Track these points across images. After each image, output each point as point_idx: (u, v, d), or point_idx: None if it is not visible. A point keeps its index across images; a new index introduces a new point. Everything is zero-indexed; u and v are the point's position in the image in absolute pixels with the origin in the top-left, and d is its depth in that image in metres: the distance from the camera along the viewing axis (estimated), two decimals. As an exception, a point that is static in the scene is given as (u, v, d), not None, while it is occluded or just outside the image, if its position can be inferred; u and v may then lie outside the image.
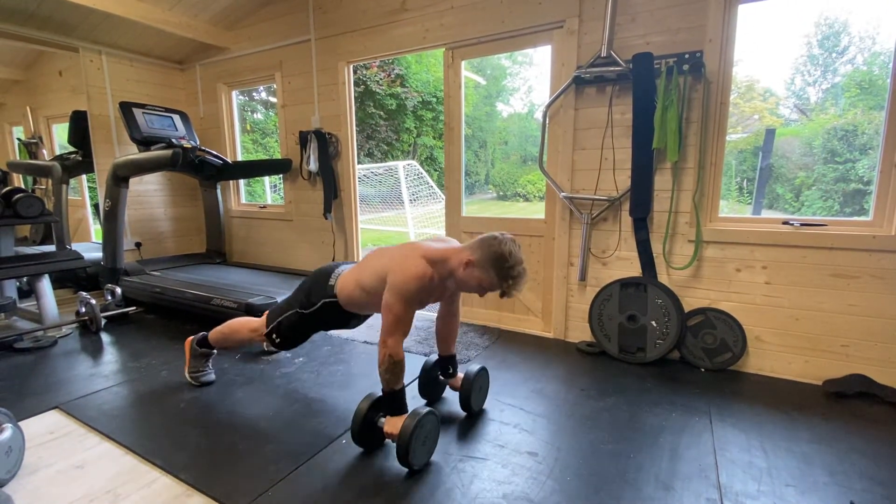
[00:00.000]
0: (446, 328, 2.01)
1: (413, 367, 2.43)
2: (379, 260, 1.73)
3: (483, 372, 2.02)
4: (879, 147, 2.12)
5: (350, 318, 1.93)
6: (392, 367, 1.59)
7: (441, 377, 2.06)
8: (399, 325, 1.59)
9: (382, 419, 1.65)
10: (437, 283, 1.65)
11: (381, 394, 1.67)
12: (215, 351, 2.26)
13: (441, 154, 13.33)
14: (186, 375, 2.24)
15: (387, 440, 1.68)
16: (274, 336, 1.96)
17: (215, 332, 2.15)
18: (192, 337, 2.24)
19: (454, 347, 2.04)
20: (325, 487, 1.50)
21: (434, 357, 2.07)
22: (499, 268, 1.57)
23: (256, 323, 2.05)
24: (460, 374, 1.99)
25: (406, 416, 1.58)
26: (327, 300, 1.83)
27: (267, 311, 2.04)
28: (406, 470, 1.58)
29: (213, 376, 2.25)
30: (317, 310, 1.85)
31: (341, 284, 1.81)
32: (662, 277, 2.55)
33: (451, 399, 2.08)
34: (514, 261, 1.57)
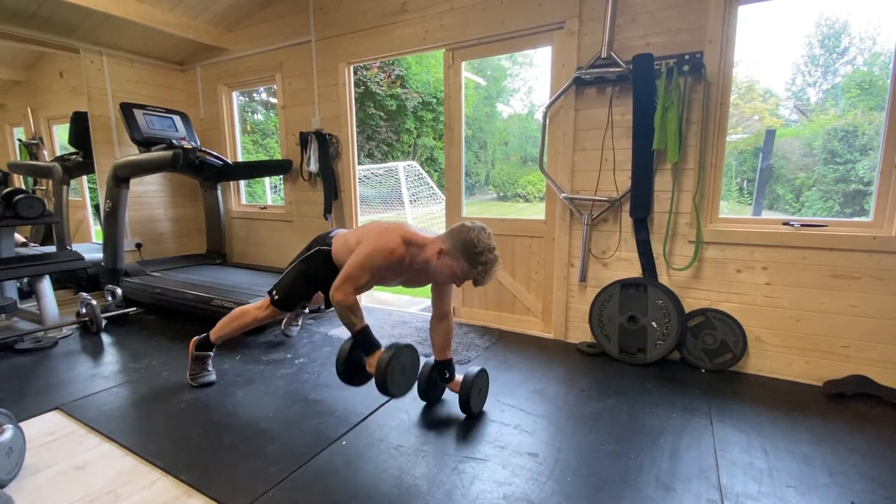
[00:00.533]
0: (439, 334, 2.03)
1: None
2: (369, 227, 1.88)
3: (482, 374, 2.01)
4: (880, 148, 2.12)
5: (335, 275, 1.96)
6: (345, 311, 1.72)
7: (440, 381, 2.06)
8: (349, 281, 1.72)
9: (365, 358, 1.77)
10: (407, 264, 1.76)
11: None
12: (212, 353, 2.27)
13: (441, 155, 13.34)
14: (187, 377, 2.25)
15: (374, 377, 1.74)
16: (273, 293, 2.09)
17: (217, 327, 2.20)
18: (196, 338, 2.25)
19: (450, 352, 2.06)
20: (324, 488, 1.50)
21: (431, 360, 2.07)
22: (468, 254, 1.65)
23: (260, 301, 2.16)
24: (459, 377, 1.98)
25: (381, 351, 1.71)
26: (322, 247, 2.00)
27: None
28: (406, 471, 1.58)
29: (213, 377, 2.26)
30: (311, 254, 2.01)
31: (336, 239, 1.99)
32: (663, 278, 2.55)
33: (451, 400, 2.08)
34: (483, 247, 1.64)
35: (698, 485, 1.52)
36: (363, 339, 1.74)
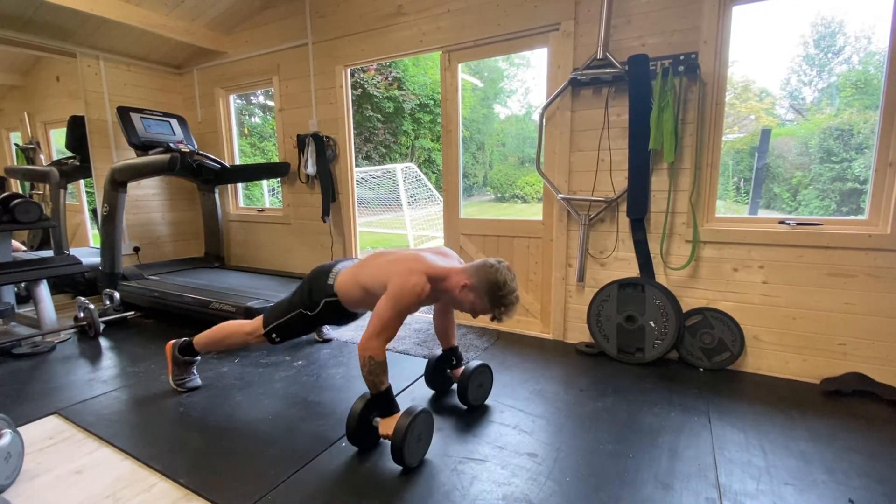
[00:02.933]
0: (444, 322, 2.09)
1: (415, 369, 2.44)
2: (381, 261, 1.75)
3: (484, 368, 2.07)
4: (874, 146, 2.14)
5: (348, 317, 1.97)
6: (374, 368, 1.60)
7: (448, 370, 2.13)
8: (385, 332, 1.61)
9: (377, 419, 1.66)
10: (430, 295, 1.70)
11: None
12: (199, 358, 2.22)
13: (439, 156, 13.35)
14: (171, 382, 2.20)
15: (381, 440, 1.69)
16: (274, 335, 1.98)
17: (203, 337, 2.11)
18: (172, 342, 2.19)
19: (455, 339, 2.12)
20: (324, 490, 1.50)
21: (438, 352, 2.15)
22: (493, 295, 1.64)
23: (251, 326, 2.03)
24: (461, 368, 2.04)
25: (399, 415, 1.60)
26: (329, 299, 1.85)
27: (262, 315, 2.03)
28: (405, 472, 1.58)
29: (199, 381, 2.23)
30: (320, 310, 1.87)
31: (341, 283, 1.83)
32: (660, 278, 2.56)
33: (451, 401, 2.09)
34: (508, 290, 1.64)
35: (697, 483, 1.53)
36: (385, 401, 1.63)
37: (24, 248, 3.90)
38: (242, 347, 2.12)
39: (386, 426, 1.61)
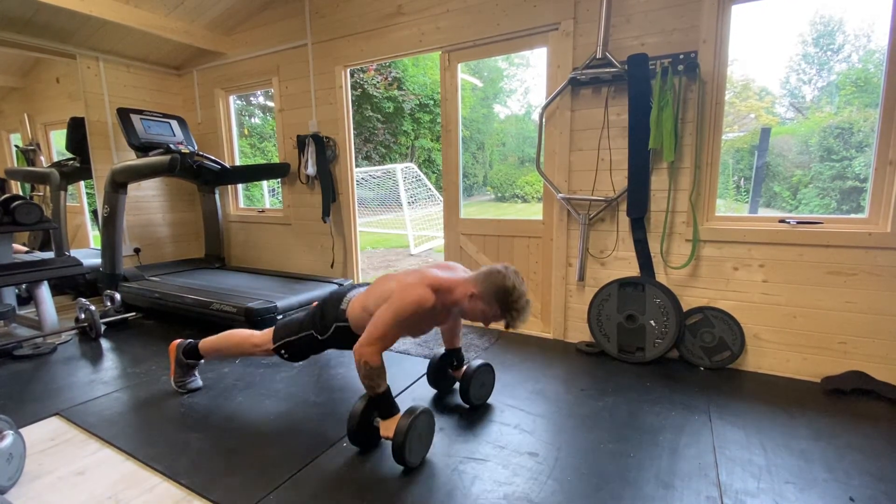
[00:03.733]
0: (448, 326, 2.08)
1: (416, 369, 2.44)
2: (386, 284, 1.74)
3: (486, 368, 2.08)
4: (874, 144, 2.14)
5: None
6: (370, 373, 1.60)
7: (449, 370, 2.14)
8: (380, 341, 1.60)
9: (378, 420, 1.67)
10: (440, 310, 1.68)
11: None
12: (202, 361, 2.22)
13: (439, 156, 13.35)
14: (172, 383, 2.21)
15: (382, 440, 1.69)
16: (283, 352, 1.97)
17: (209, 343, 2.11)
18: (177, 342, 2.19)
19: (460, 341, 2.12)
20: (325, 490, 1.51)
21: (441, 350, 2.15)
22: (502, 301, 1.62)
23: (259, 338, 2.03)
24: (464, 368, 2.05)
25: (399, 415, 1.61)
26: (339, 324, 1.85)
27: (273, 328, 2.02)
28: (406, 472, 1.59)
29: (200, 382, 2.24)
30: (330, 335, 1.87)
31: (351, 309, 1.83)
32: (660, 277, 2.56)
33: (452, 401, 2.09)
34: (518, 294, 1.61)
35: (698, 482, 1.53)
36: (384, 403, 1.64)
37: (26, 250, 3.91)
38: (245, 357, 2.12)
39: (386, 427, 1.62)
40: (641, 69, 2.35)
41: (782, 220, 2.31)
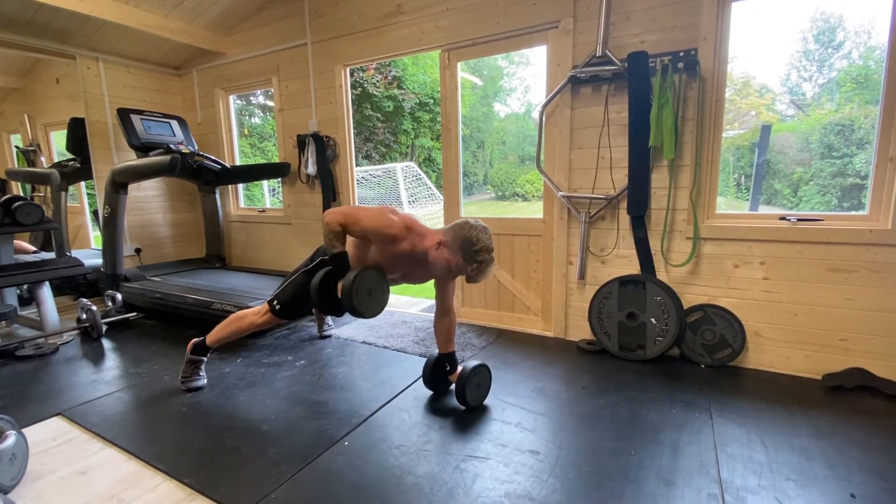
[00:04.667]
0: (442, 329, 2.11)
1: (413, 367, 2.44)
2: None
3: (481, 368, 2.06)
4: (875, 141, 2.13)
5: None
6: (330, 234, 1.74)
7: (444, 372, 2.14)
8: (346, 216, 1.73)
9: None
10: (407, 250, 1.77)
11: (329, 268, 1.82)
12: (206, 358, 2.26)
13: (439, 155, 13.34)
14: (179, 379, 2.25)
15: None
16: (275, 303, 2.06)
17: (214, 331, 2.19)
18: (194, 340, 2.25)
19: (452, 346, 2.13)
20: (327, 489, 1.51)
21: (436, 353, 2.17)
22: (466, 251, 1.70)
23: (258, 307, 2.16)
24: (460, 369, 2.04)
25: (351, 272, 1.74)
26: (324, 257, 1.97)
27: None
28: (408, 471, 1.59)
29: (203, 381, 2.25)
30: (315, 265, 2.00)
31: None
32: (661, 275, 2.56)
33: (453, 398, 2.09)
34: (481, 246, 1.69)
35: (699, 479, 1.53)
36: (338, 263, 1.77)
37: (34, 249, 3.90)
38: (251, 333, 2.17)
39: (341, 286, 1.74)
40: (641, 67, 2.35)
41: (783, 218, 2.31)
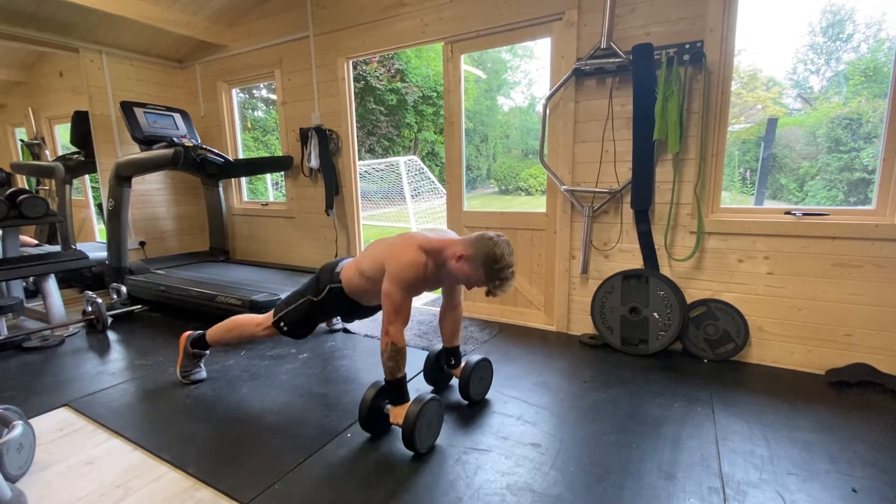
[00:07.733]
0: (449, 323, 2.08)
1: (415, 361, 2.45)
2: (378, 248, 1.81)
3: (484, 363, 2.07)
4: (882, 135, 2.11)
5: (353, 308, 1.97)
6: (394, 355, 1.66)
7: (445, 367, 2.13)
8: (398, 313, 1.65)
9: (388, 406, 1.71)
10: (433, 270, 1.72)
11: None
12: (207, 352, 2.26)
13: (442, 149, 13.29)
14: (177, 373, 2.24)
15: (392, 426, 1.73)
16: (282, 324, 2.01)
17: (214, 330, 2.16)
18: (187, 333, 2.24)
19: (458, 340, 2.12)
20: (330, 479, 1.52)
21: (438, 347, 2.15)
22: (489, 268, 1.63)
23: (261, 318, 2.08)
24: (463, 363, 2.05)
25: (409, 403, 1.64)
26: (333, 286, 1.90)
27: (274, 308, 2.07)
28: (410, 461, 1.60)
29: (204, 374, 2.27)
30: (324, 296, 1.92)
31: (345, 271, 1.90)
32: (664, 269, 2.55)
33: (455, 391, 2.10)
34: (504, 264, 1.64)
35: (700, 473, 1.53)
36: (398, 389, 1.69)
37: (36, 243, 3.94)
38: (250, 341, 2.15)
39: (396, 414, 1.67)
40: (646, 59, 2.33)
41: (788, 212, 2.29)
